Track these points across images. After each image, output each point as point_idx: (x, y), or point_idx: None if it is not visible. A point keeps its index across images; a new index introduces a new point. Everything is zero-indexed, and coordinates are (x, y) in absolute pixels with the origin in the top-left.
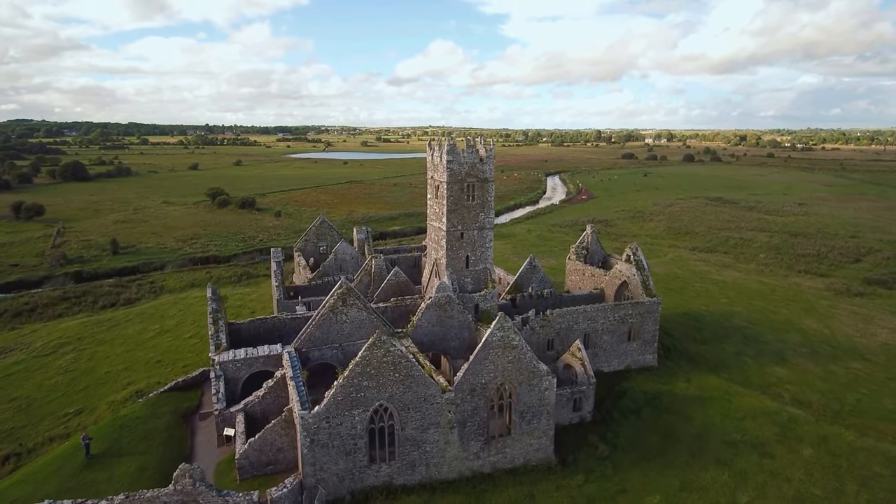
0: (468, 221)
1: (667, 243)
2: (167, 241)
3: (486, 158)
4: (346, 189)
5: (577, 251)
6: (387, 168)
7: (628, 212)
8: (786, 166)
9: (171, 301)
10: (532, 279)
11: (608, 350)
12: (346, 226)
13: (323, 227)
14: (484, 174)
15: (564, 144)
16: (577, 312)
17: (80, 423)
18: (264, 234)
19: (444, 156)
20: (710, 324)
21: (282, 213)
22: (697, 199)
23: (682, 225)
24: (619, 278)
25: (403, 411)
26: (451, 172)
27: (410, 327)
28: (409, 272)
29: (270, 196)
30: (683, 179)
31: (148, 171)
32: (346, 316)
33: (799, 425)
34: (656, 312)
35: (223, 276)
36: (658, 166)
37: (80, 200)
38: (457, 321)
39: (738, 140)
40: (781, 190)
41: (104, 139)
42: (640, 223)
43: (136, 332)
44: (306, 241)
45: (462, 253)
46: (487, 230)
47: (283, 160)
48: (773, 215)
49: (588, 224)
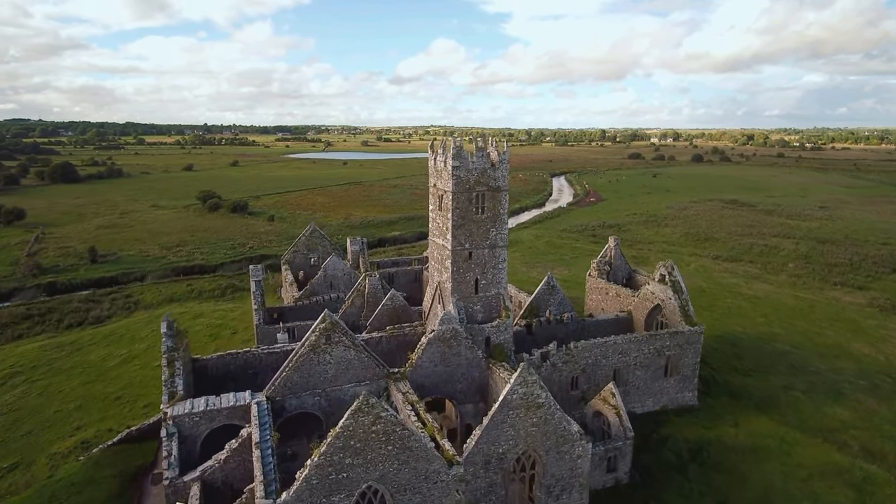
0: (478, 238)
1: (687, 251)
2: (151, 249)
3: (499, 163)
4: (345, 191)
5: (598, 267)
6: (387, 169)
7: (641, 215)
8: (797, 166)
9: (144, 319)
10: (550, 301)
11: (642, 388)
12: (342, 231)
13: (314, 236)
14: (496, 182)
15: (569, 144)
16: (606, 345)
17: (11, 483)
18: (255, 240)
19: (450, 161)
20: (749, 349)
21: (275, 217)
22: (712, 202)
23: (700, 230)
24: (650, 301)
25: (399, 493)
26: (458, 180)
27: (409, 367)
28: (409, 288)
29: (265, 198)
30: (694, 180)
31: (141, 172)
32: (330, 356)
33: (877, 487)
34: (698, 343)
35: (206, 288)
36: (666, 166)
37: (66, 204)
38: (464, 359)
39: (746, 139)
40: (798, 192)
41: (100, 139)
42: (656, 228)
43: (100, 359)
44: (295, 252)
45: (470, 276)
46: (500, 248)
47: (282, 160)
48: (796, 219)
49: (611, 237)
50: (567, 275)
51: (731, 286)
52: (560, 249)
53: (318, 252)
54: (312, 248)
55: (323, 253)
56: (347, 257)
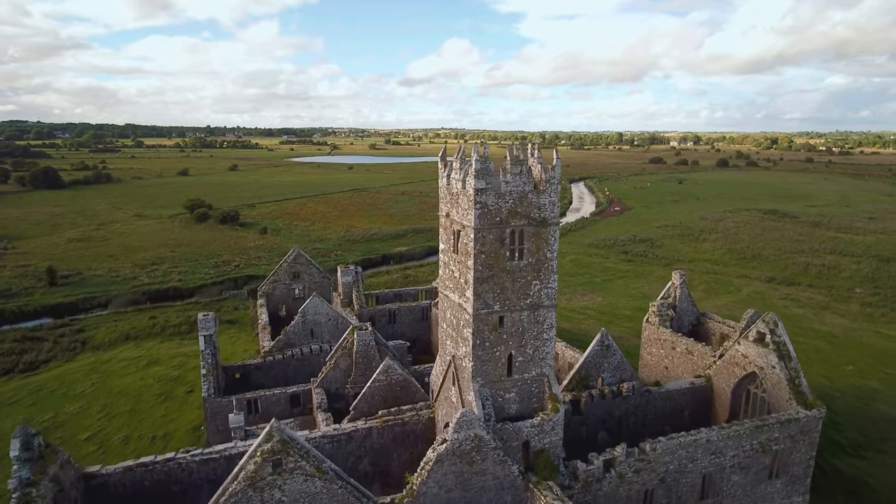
0: (513, 296)
1: (733, 272)
2: (122, 267)
3: (547, 184)
4: (348, 198)
5: (660, 312)
6: (395, 174)
7: (673, 227)
8: (829, 172)
9: (88, 365)
10: (604, 365)
11: (738, 497)
12: (341, 246)
13: (299, 262)
14: (542, 212)
15: (585, 148)
16: (695, 445)
17: None
18: (243, 256)
19: (472, 180)
20: (848, 414)
21: (268, 229)
22: (749, 212)
23: (744, 246)
24: (740, 366)
25: None
26: (484, 211)
27: (409, 497)
28: (415, 329)
29: (261, 207)
30: (723, 187)
31: (133, 177)
32: (281, 492)
33: None
34: (815, 432)
35: (171, 322)
36: (691, 172)
37: (42, 212)
38: (491, 478)
39: (770, 143)
40: (839, 200)
41: (96, 142)
42: (693, 243)
43: (12, 428)
44: (275, 282)
45: (501, 351)
46: (546, 309)
47: (284, 165)
48: (847, 233)
49: (676, 273)
50: (601, 304)
51: (798, 319)
52: (589, 269)
53: (304, 281)
54: (297, 277)
55: (309, 282)
56: (338, 290)
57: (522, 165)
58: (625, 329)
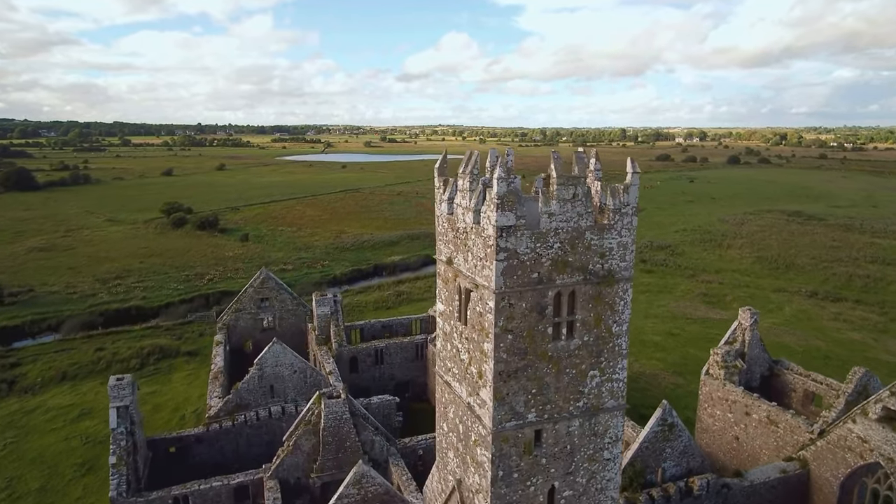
0: (557, 397)
1: (768, 284)
2: (82, 282)
3: (616, 214)
4: (340, 200)
5: (725, 362)
6: (390, 172)
7: (693, 232)
8: (847, 169)
9: (8, 416)
10: (665, 451)
11: None
12: (329, 255)
13: (267, 287)
14: (607, 261)
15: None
16: None
17: None
18: (219, 268)
19: (492, 212)
20: None
21: (250, 236)
22: (771, 214)
23: (775, 254)
24: (855, 453)
25: None
26: (513, 263)
27: None
28: (407, 370)
29: (245, 210)
30: (738, 186)
31: (113, 177)
32: None
33: None
34: None
35: (120, 355)
36: (700, 169)
37: (7, 217)
38: None
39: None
40: (863, 200)
41: (81, 140)
42: (717, 250)
43: None
44: (239, 311)
45: (538, 484)
46: (611, 415)
47: (275, 164)
48: (884, 237)
49: (745, 310)
50: None
51: (857, 347)
52: None
53: (274, 311)
54: (265, 305)
55: (281, 311)
56: (313, 323)
57: (577, 185)
58: (657, 362)
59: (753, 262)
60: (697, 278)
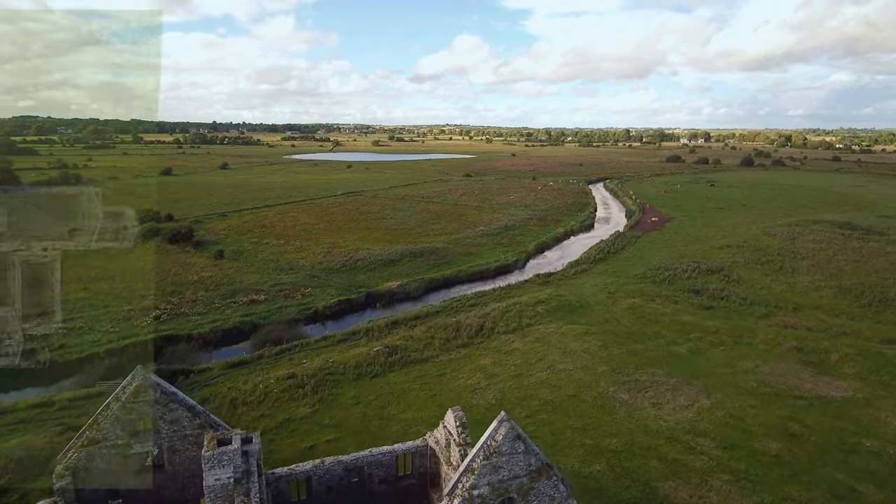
0: None
1: (869, 331)
2: None
3: None
4: (339, 205)
5: None
6: (396, 173)
7: (739, 248)
8: (867, 172)
9: None
10: None
11: None
12: (315, 279)
13: (144, 401)
14: None
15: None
16: None
17: None
18: (174, 299)
19: None
20: None
21: (226, 252)
22: (819, 225)
23: (855, 283)
24: None
25: None
26: None
27: None
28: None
29: (233, 217)
30: (764, 190)
31: (108, 177)
32: None
33: None
34: None
35: None
36: (715, 171)
37: None
38: None
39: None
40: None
41: (95, 137)
42: (780, 275)
43: None
44: (96, 443)
45: None
46: None
47: (280, 163)
48: None
49: None
50: (714, 414)
51: None
52: (659, 327)
53: (161, 437)
54: (143, 431)
55: (172, 439)
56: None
57: None
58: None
59: (835, 295)
60: (773, 319)
